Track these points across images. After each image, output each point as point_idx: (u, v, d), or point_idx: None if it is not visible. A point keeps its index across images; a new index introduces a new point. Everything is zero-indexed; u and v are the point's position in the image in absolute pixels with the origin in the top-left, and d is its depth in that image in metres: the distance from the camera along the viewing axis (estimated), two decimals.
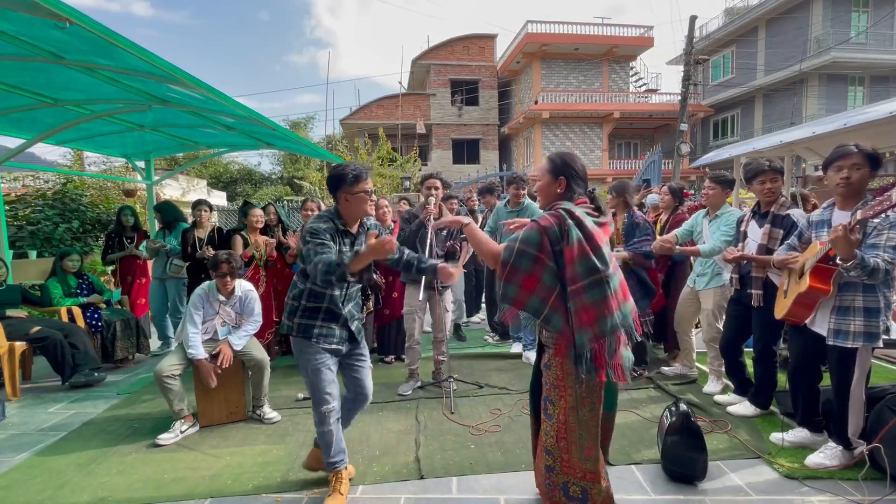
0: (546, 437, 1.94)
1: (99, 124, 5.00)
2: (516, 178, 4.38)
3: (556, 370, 1.89)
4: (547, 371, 1.93)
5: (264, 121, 4.45)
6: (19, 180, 8.73)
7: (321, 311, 2.26)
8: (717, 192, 3.53)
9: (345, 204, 2.22)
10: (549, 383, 1.92)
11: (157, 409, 3.50)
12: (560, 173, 1.96)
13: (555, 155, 2.03)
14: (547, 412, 1.94)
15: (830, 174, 2.44)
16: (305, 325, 2.26)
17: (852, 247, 2.11)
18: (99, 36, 2.65)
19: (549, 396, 1.93)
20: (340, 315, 2.31)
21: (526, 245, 1.82)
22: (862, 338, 2.32)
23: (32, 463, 2.80)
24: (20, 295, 4.33)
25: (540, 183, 2.02)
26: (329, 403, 2.26)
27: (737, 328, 3.27)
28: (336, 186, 2.21)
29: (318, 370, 2.25)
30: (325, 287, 2.20)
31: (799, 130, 4.18)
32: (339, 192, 2.21)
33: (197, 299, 3.26)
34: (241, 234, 4.46)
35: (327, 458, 2.32)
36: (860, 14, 18.33)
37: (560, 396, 1.89)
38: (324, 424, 2.28)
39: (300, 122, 28.07)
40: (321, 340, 2.26)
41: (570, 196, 1.97)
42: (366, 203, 2.23)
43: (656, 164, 10.30)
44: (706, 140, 24.01)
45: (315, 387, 2.26)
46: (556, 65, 22.77)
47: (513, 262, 1.83)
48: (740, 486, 2.40)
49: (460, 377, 3.91)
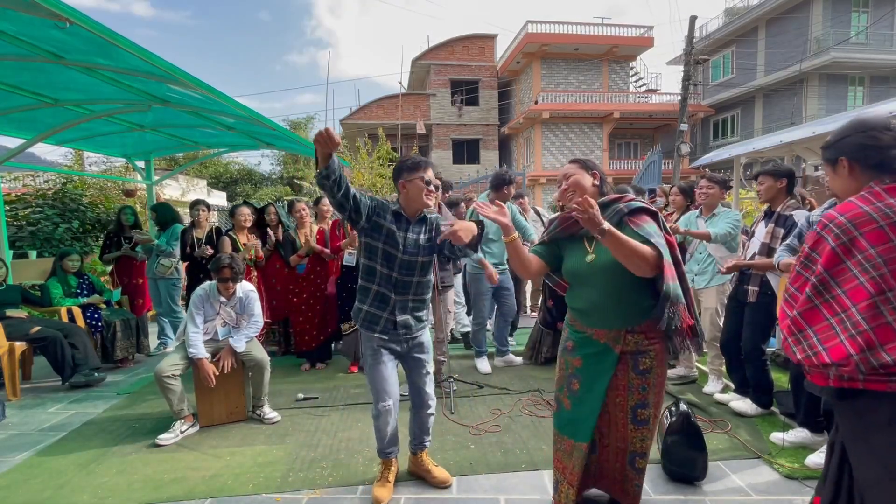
0: (642, 443, 1.95)
1: (99, 124, 5.00)
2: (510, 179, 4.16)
3: (657, 369, 1.89)
4: (646, 376, 1.88)
5: (264, 121, 4.46)
6: (19, 180, 8.72)
7: (371, 291, 2.27)
8: (716, 192, 3.52)
9: (403, 191, 2.25)
10: (649, 387, 1.89)
11: (157, 409, 3.50)
12: (591, 168, 2.00)
13: (575, 158, 2.07)
14: (639, 419, 1.92)
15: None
16: (358, 307, 2.30)
17: None
18: (99, 36, 2.66)
19: (646, 402, 1.90)
20: (390, 299, 2.25)
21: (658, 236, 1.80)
22: None
23: (32, 463, 2.80)
24: (20, 295, 4.33)
25: (575, 177, 1.96)
26: (385, 401, 2.27)
27: (737, 325, 3.27)
28: (397, 175, 2.27)
29: (373, 365, 2.29)
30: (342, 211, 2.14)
31: (799, 130, 4.18)
32: (399, 180, 2.25)
33: (197, 300, 3.26)
34: (229, 234, 4.43)
35: (381, 446, 2.39)
36: (860, 14, 18.32)
37: (658, 394, 1.92)
38: (378, 419, 2.31)
39: (300, 122, 28.07)
40: (366, 326, 2.28)
41: (604, 190, 1.99)
42: (422, 192, 2.20)
43: (656, 164, 10.27)
44: (706, 140, 24.01)
45: (371, 381, 2.31)
46: (556, 65, 22.77)
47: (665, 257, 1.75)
48: (740, 486, 2.40)
49: (460, 377, 3.91)
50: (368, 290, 2.27)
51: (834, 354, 1.32)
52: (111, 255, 5.02)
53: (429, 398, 2.46)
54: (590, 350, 1.93)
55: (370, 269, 2.25)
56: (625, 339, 1.86)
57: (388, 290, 2.25)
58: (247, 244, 4.39)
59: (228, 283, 3.27)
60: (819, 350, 1.36)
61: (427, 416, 2.48)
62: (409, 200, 2.24)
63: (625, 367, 1.88)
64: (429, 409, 2.47)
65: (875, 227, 1.33)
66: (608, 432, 1.99)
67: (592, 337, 1.92)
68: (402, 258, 2.23)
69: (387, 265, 2.23)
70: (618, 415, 1.94)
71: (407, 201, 2.25)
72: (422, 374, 2.42)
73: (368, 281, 2.27)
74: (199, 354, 3.11)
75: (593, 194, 1.92)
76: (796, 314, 1.44)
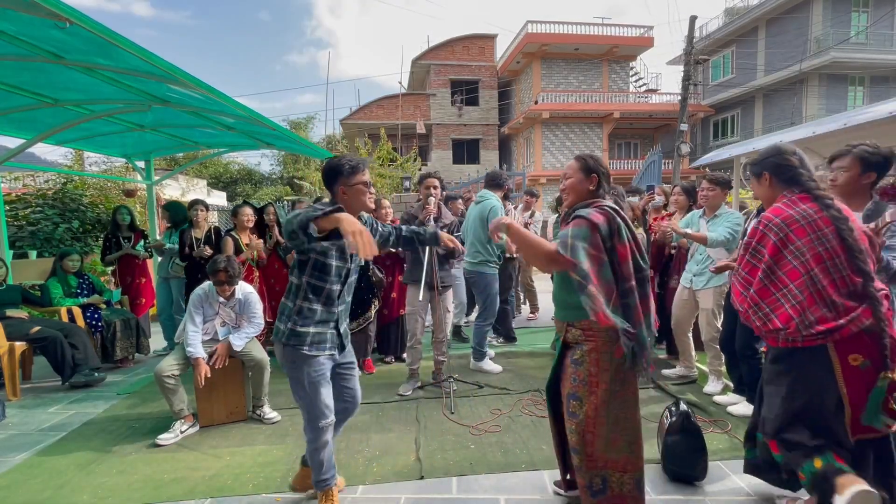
0: (571, 436, 1.95)
1: (99, 124, 5.00)
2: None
3: (589, 366, 1.91)
4: (577, 368, 1.93)
5: (264, 121, 4.46)
6: (19, 180, 8.72)
7: (316, 312, 2.09)
8: (717, 192, 3.52)
9: (342, 197, 2.08)
10: (579, 380, 1.92)
11: (157, 409, 3.50)
12: (592, 171, 2.02)
13: (583, 155, 2.10)
14: (571, 411, 1.95)
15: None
16: (299, 332, 2.07)
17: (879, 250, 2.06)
18: (99, 36, 2.65)
19: (576, 393, 1.93)
20: (334, 314, 2.15)
21: (577, 240, 1.84)
22: None
23: (32, 463, 2.80)
24: (20, 295, 4.33)
25: (571, 180, 2.05)
26: (328, 417, 2.15)
27: (734, 323, 3.27)
28: (332, 179, 2.08)
29: (317, 383, 2.10)
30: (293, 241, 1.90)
31: (799, 130, 4.18)
32: (336, 185, 2.07)
33: (196, 300, 3.26)
34: (231, 234, 4.43)
35: (319, 476, 2.20)
36: (860, 14, 18.32)
37: (591, 392, 1.91)
38: (319, 440, 2.15)
39: (301, 122, 28.07)
40: (313, 348, 2.10)
41: (600, 194, 2.02)
42: (364, 196, 2.09)
43: (656, 164, 10.27)
44: (706, 140, 24.01)
45: (313, 401, 2.11)
46: (556, 65, 22.76)
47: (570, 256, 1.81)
48: (740, 486, 2.40)
49: (460, 377, 3.91)
50: (314, 311, 2.08)
51: (782, 319, 1.83)
52: (113, 255, 5.02)
53: (360, 397, 2.41)
54: (555, 338, 2.13)
55: (317, 289, 2.08)
56: (567, 330, 2.02)
57: (333, 305, 2.13)
58: (250, 244, 4.40)
59: (224, 287, 3.26)
60: (772, 318, 1.85)
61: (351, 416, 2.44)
62: (350, 205, 2.07)
63: (566, 355, 2.03)
64: (357, 409, 2.44)
65: (799, 226, 1.84)
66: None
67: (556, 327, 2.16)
68: (351, 267, 2.15)
69: (337, 280, 2.11)
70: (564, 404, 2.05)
71: (347, 207, 2.04)
72: (354, 377, 2.36)
73: (312, 301, 2.08)
74: (197, 354, 3.10)
75: (585, 198, 2.04)
76: (753, 293, 1.91)
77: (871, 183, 2.36)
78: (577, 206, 2.02)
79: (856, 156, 2.31)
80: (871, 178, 2.34)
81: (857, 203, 2.38)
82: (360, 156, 14.79)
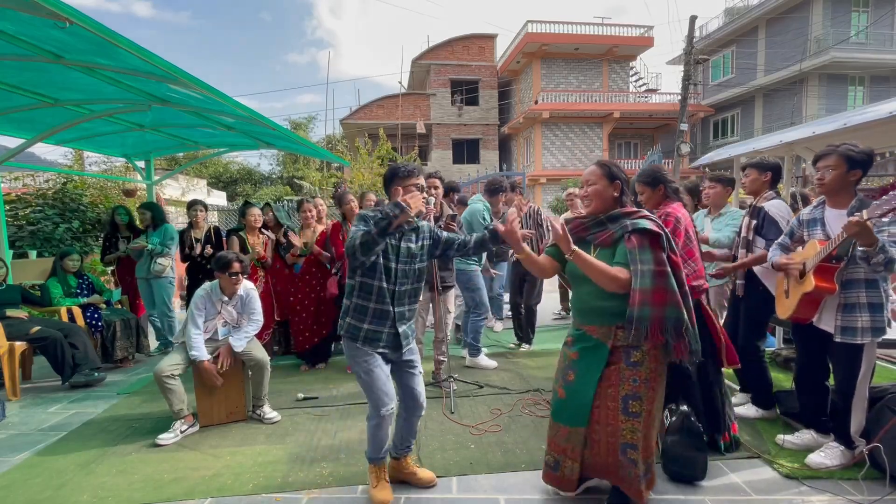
0: (632, 434, 1.99)
1: (99, 124, 5.00)
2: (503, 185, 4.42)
3: (650, 364, 1.97)
4: (637, 368, 1.97)
5: (264, 121, 4.46)
6: (19, 180, 8.71)
7: (369, 310, 2.20)
8: (718, 190, 3.51)
9: (394, 196, 2.24)
10: (640, 380, 1.97)
11: (157, 409, 3.50)
12: (616, 177, 2.05)
13: (605, 161, 2.13)
14: (631, 411, 1.98)
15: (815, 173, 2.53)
16: (354, 325, 2.22)
17: (871, 233, 2.13)
18: (99, 36, 2.65)
19: (636, 393, 1.97)
20: (390, 313, 2.22)
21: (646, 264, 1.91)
22: (870, 333, 2.34)
23: (32, 463, 2.80)
24: (20, 295, 4.33)
25: (595, 187, 2.07)
26: (388, 405, 2.22)
27: (737, 322, 3.26)
28: (389, 180, 2.27)
29: (371, 371, 2.21)
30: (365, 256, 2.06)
31: (799, 130, 4.18)
32: (392, 186, 2.26)
33: (199, 300, 3.25)
34: (238, 234, 4.44)
35: (375, 454, 2.34)
36: (860, 14, 18.32)
37: (651, 389, 1.98)
38: (380, 427, 2.26)
39: (301, 122, 28.07)
40: (366, 344, 2.21)
41: (623, 200, 2.06)
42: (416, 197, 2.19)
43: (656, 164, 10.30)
44: (706, 140, 24.01)
45: (370, 388, 2.22)
46: (556, 65, 22.77)
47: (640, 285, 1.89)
48: (740, 486, 2.40)
49: (460, 377, 3.91)
50: (366, 309, 2.21)
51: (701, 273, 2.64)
52: (112, 255, 5.01)
53: (423, 399, 2.43)
54: (585, 344, 2.07)
55: (366, 286, 2.20)
56: (615, 334, 2.00)
57: (386, 304, 2.21)
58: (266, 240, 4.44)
59: (238, 277, 3.26)
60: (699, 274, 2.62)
61: (418, 419, 2.46)
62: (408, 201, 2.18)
63: (617, 359, 2.01)
64: (422, 411, 2.45)
65: (688, 221, 2.60)
66: (599, 428, 2.05)
67: (587, 333, 2.08)
68: (399, 268, 2.21)
69: (385, 279, 2.19)
70: (609, 405, 2.01)
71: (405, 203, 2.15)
72: (416, 376, 2.40)
73: (364, 299, 2.21)
74: (202, 357, 3.10)
75: (611, 205, 2.07)
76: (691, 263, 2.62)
77: (856, 180, 2.41)
78: (611, 214, 2.05)
79: (841, 154, 2.37)
80: (857, 176, 2.40)
81: (843, 200, 2.43)
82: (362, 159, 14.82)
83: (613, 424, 2.01)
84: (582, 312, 2.12)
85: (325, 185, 15.03)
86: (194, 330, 3.16)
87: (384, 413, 2.23)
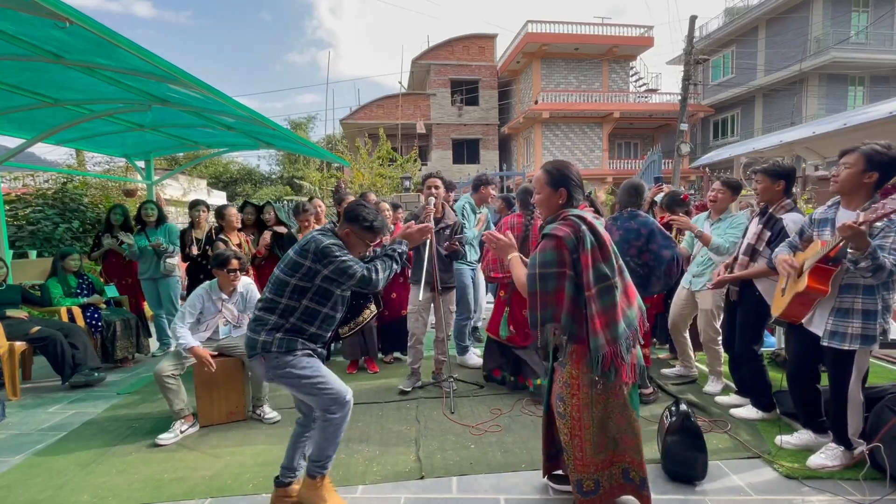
0: (561, 435, 2.01)
1: (99, 124, 5.00)
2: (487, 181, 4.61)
3: (570, 369, 1.97)
4: (561, 369, 1.99)
5: (264, 121, 4.46)
6: (19, 180, 8.72)
7: (307, 333, 2.20)
8: (727, 196, 3.46)
9: (346, 237, 2.24)
10: (562, 381, 1.98)
11: (157, 409, 3.50)
12: (559, 184, 2.01)
13: (550, 166, 2.07)
14: (558, 411, 2.00)
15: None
16: (289, 340, 2.16)
17: (864, 238, 2.07)
18: (99, 36, 2.65)
19: (560, 394, 1.98)
20: (325, 337, 2.28)
21: (545, 266, 1.89)
22: (859, 340, 2.29)
23: (32, 463, 2.80)
24: (20, 295, 4.33)
25: (540, 196, 2.07)
26: (349, 391, 2.21)
27: (733, 324, 3.26)
28: (350, 220, 2.24)
29: (317, 368, 2.18)
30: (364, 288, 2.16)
31: (799, 130, 4.19)
32: (348, 226, 2.24)
33: (196, 298, 3.25)
34: (221, 238, 4.35)
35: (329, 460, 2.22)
36: (860, 14, 18.32)
37: (572, 395, 1.95)
38: (346, 418, 2.19)
39: (301, 122, 28.09)
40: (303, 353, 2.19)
41: (573, 204, 2.03)
42: (361, 251, 2.30)
43: (656, 164, 10.29)
44: (706, 140, 24.01)
45: (325, 384, 2.15)
46: (556, 65, 22.77)
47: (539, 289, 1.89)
48: (740, 486, 2.40)
49: (460, 377, 3.91)
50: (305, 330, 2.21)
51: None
52: (97, 252, 4.99)
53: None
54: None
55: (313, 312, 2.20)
56: (553, 333, 2.06)
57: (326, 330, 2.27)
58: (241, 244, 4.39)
59: (237, 274, 3.28)
60: None
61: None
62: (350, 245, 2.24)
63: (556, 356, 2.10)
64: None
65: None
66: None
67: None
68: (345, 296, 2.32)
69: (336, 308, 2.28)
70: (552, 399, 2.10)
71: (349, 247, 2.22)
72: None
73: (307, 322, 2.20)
74: (190, 343, 3.05)
75: (555, 211, 2.04)
76: None
77: (872, 183, 2.29)
78: (548, 219, 2.06)
79: (862, 153, 2.27)
80: (873, 178, 2.28)
81: (857, 201, 2.33)
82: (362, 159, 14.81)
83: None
84: None
85: (325, 186, 15.04)
86: (179, 323, 3.11)
87: (349, 398, 2.20)
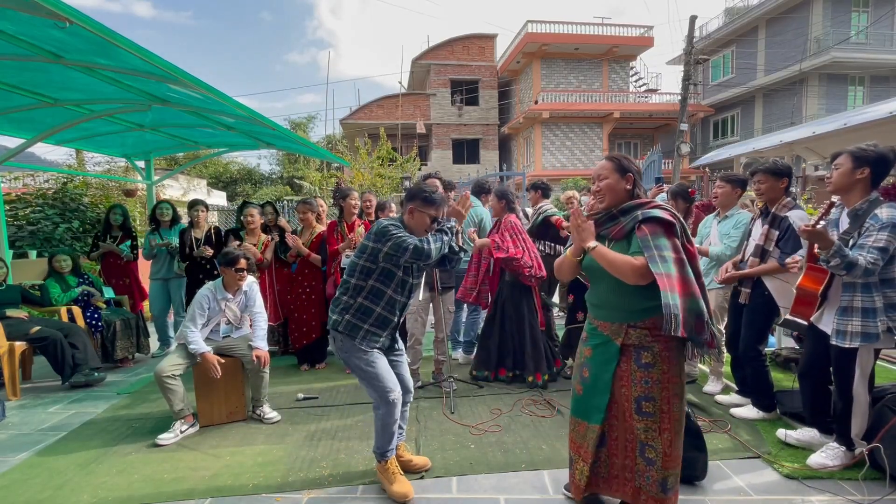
0: (647, 433, 1.94)
1: (99, 124, 5.00)
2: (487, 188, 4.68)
3: (662, 365, 1.91)
4: (649, 370, 1.92)
5: (264, 121, 4.46)
6: (19, 180, 8.72)
7: (373, 314, 2.31)
8: (727, 190, 3.46)
9: (409, 216, 2.35)
10: (652, 381, 1.92)
11: (157, 409, 3.50)
12: (626, 170, 2.00)
13: (616, 154, 2.07)
14: (644, 411, 1.93)
15: None
16: (354, 324, 2.30)
17: (823, 238, 2.19)
18: (99, 36, 2.65)
19: (649, 395, 1.92)
20: (392, 322, 2.38)
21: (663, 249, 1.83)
22: (859, 338, 2.31)
23: (32, 463, 2.80)
24: (20, 295, 4.33)
25: (607, 181, 2.00)
26: (393, 390, 2.31)
27: (738, 324, 3.26)
28: (410, 199, 2.37)
29: (373, 362, 2.31)
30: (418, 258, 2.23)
31: (799, 130, 4.18)
32: (410, 204, 2.35)
33: (203, 299, 3.25)
34: (238, 235, 4.44)
35: (385, 447, 2.38)
36: (860, 14, 18.32)
37: (666, 390, 1.92)
38: (392, 415, 2.32)
39: (301, 122, 28.06)
40: (364, 343, 2.31)
41: (636, 193, 2.01)
42: (425, 227, 2.35)
43: (656, 164, 10.30)
44: (706, 140, 24.01)
45: (374, 378, 2.30)
46: (556, 65, 22.77)
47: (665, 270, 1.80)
48: (740, 486, 2.40)
49: (460, 377, 3.91)
50: (371, 312, 2.31)
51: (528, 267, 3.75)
52: (96, 252, 4.99)
53: (412, 384, 2.59)
54: (597, 341, 2.06)
55: (378, 292, 2.30)
56: (626, 332, 1.95)
57: (393, 313, 2.37)
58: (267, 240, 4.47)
59: (244, 274, 3.30)
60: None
61: (409, 405, 2.58)
62: (413, 226, 2.35)
63: (627, 359, 1.96)
64: (412, 396, 2.59)
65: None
66: (617, 424, 2.03)
67: (598, 329, 2.06)
68: (413, 283, 2.40)
69: (399, 291, 2.34)
70: (623, 405, 1.98)
71: (411, 228, 2.34)
72: (402, 363, 2.54)
73: (373, 302, 2.31)
74: (202, 349, 3.10)
75: (624, 199, 2.00)
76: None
77: (866, 178, 2.36)
78: (623, 207, 1.99)
79: (849, 152, 2.37)
80: (865, 174, 2.35)
81: (853, 199, 2.40)
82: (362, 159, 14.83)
83: (629, 422, 1.98)
84: (596, 308, 2.09)
85: (325, 185, 15.04)
86: (191, 326, 3.15)
87: (392, 399, 2.30)
